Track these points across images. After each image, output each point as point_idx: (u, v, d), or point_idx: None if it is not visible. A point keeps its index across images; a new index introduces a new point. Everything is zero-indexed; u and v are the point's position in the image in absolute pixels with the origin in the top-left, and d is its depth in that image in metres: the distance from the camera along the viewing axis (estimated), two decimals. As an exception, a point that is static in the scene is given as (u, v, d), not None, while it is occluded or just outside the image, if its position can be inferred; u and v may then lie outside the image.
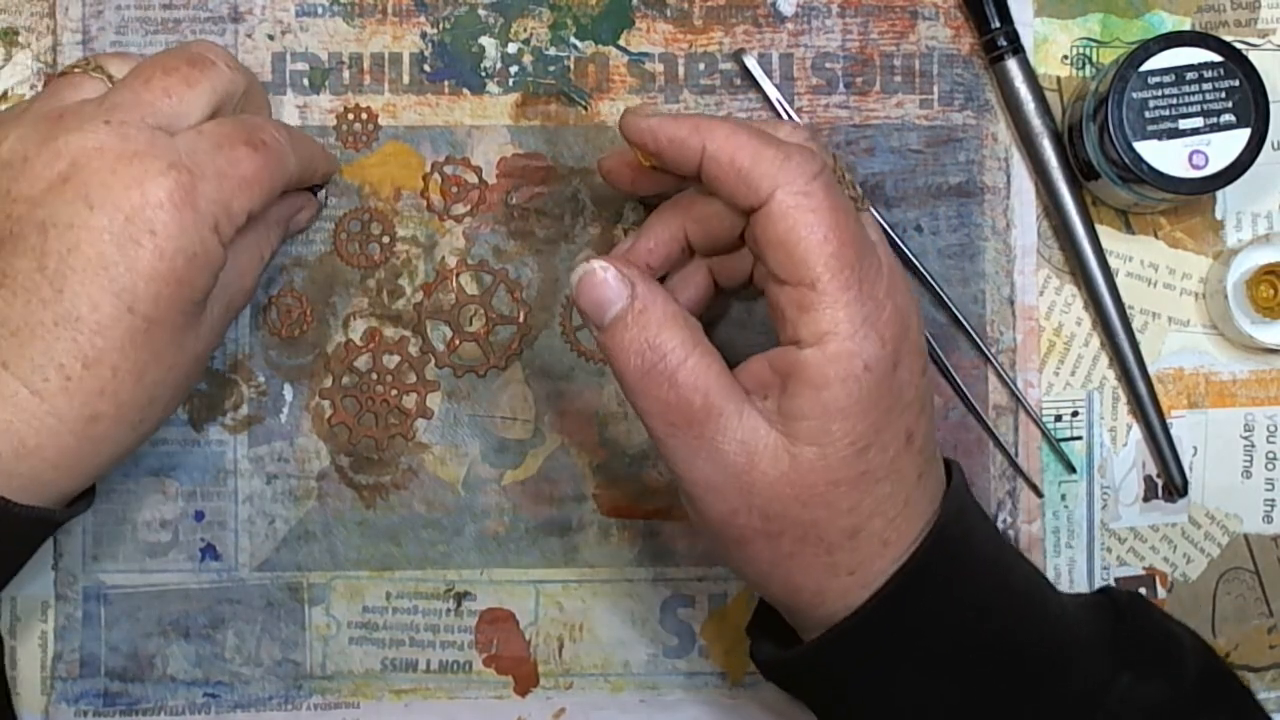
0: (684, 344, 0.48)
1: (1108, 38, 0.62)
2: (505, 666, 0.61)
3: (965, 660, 0.50)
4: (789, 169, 0.48)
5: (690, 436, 0.48)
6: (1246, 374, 0.62)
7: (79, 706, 0.60)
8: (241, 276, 0.55)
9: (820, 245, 0.47)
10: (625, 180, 0.56)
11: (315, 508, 0.61)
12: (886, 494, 0.49)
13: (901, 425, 0.49)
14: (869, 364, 0.47)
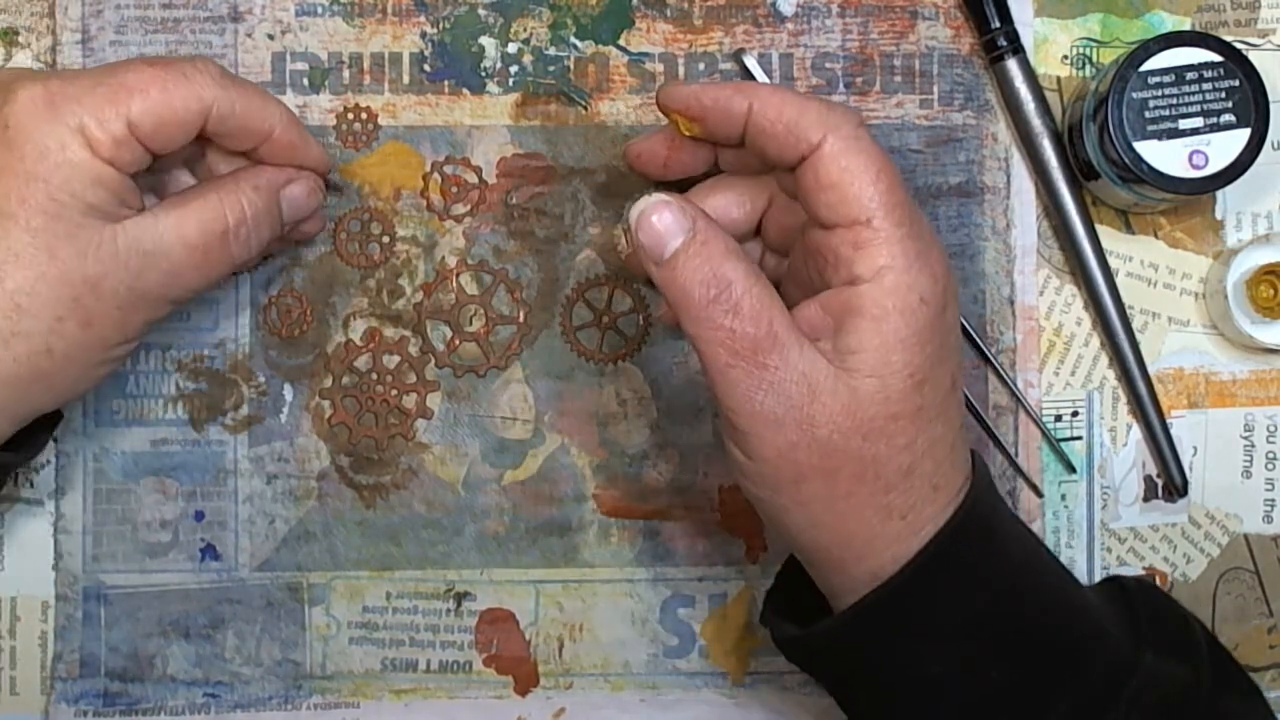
0: (747, 275, 0.49)
1: (1108, 38, 0.62)
2: (505, 666, 0.61)
3: (992, 635, 0.50)
4: (835, 117, 0.49)
5: (753, 366, 0.48)
6: (1246, 374, 0.62)
7: (79, 706, 0.60)
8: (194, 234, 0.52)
9: (874, 183, 0.49)
10: (657, 162, 0.57)
11: (315, 508, 0.61)
12: (939, 435, 0.49)
13: (949, 367, 0.50)
14: (925, 297, 0.48)
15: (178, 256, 0.52)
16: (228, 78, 0.53)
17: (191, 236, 0.52)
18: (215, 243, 0.53)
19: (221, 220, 0.53)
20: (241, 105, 0.53)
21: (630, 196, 0.61)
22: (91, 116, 0.49)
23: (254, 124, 0.54)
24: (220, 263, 0.53)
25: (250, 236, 0.54)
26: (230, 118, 0.52)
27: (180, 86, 0.51)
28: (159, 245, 0.51)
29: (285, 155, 0.56)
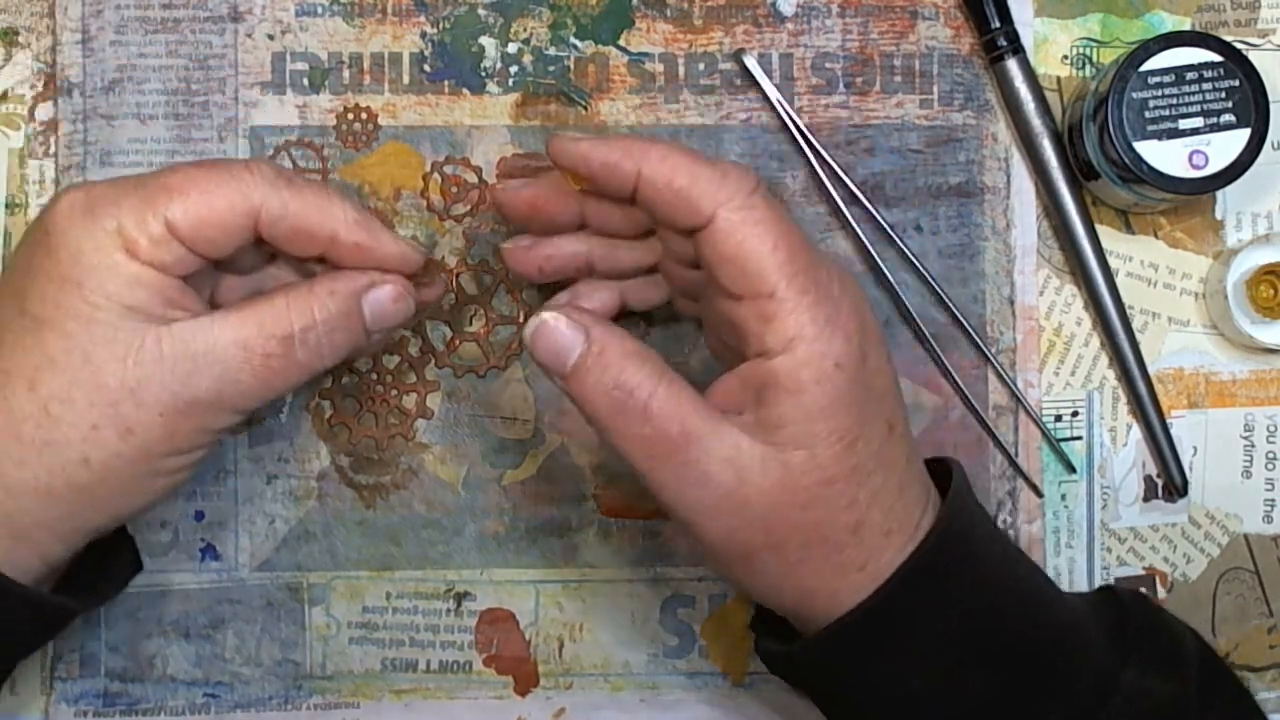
0: (650, 376, 0.48)
1: (1108, 38, 0.62)
2: (505, 666, 0.61)
3: (972, 652, 0.50)
4: (728, 185, 0.48)
5: (675, 465, 0.48)
6: (1246, 374, 0.62)
7: (79, 707, 0.60)
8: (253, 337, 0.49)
9: (772, 255, 0.48)
10: (522, 210, 0.55)
11: (315, 508, 0.61)
12: (880, 484, 0.49)
13: (881, 415, 0.49)
14: (839, 361, 0.48)
15: (233, 361, 0.49)
16: (283, 178, 0.50)
17: (250, 339, 0.49)
18: (277, 348, 0.49)
19: (285, 324, 0.49)
20: (296, 206, 0.50)
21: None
22: (129, 218, 0.48)
23: (311, 226, 0.50)
24: (284, 371, 0.50)
25: (322, 344, 0.50)
26: (282, 220, 0.50)
27: (224, 186, 0.49)
28: (211, 349, 0.48)
29: (355, 260, 0.51)
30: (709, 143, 0.61)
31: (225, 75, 0.61)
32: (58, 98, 0.60)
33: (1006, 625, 0.51)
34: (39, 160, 0.61)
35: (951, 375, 0.61)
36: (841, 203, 0.61)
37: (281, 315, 0.49)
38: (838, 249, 0.61)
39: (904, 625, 0.50)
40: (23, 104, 0.61)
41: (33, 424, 0.47)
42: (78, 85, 0.60)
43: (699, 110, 0.61)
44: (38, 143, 0.61)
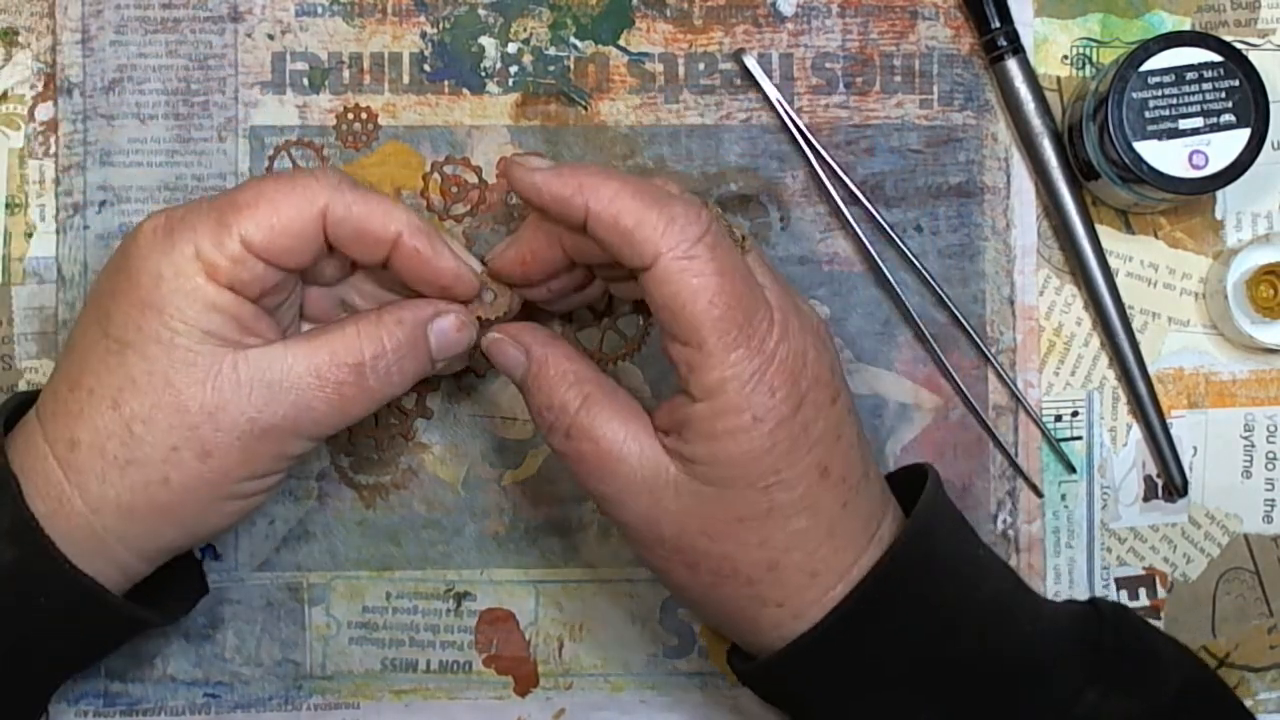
0: (576, 398, 0.51)
1: (1108, 38, 0.62)
2: (505, 666, 0.61)
3: (918, 683, 0.51)
4: (672, 232, 0.48)
5: (599, 481, 0.50)
6: (1246, 374, 0.62)
7: (79, 707, 0.60)
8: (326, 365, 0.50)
9: (706, 310, 0.48)
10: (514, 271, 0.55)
11: (315, 508, 0.61)
12: (802, 528, 0.49)
13: (810, 461, 0.49)
14: (758, 415, 0.48)
15: (307, 388, 0.50)
16: (345, 182, 0.51)
17: (323, 368, 0.50)
18: (349, 376, 0.50)
19: (356, 352, 0.51)
20: (359, 209, 0.51)
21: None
22: (206, 240, 0.49)
23: (374, 226, 0.51)
24: (357, 399, 0.51)
25: (392, 371, 0.51)
26: (347, 220, 0.50)
27: (290, 194, 0.50)
28: (286, 376, 0.50)
29: (417, 265, 0.52)
30: (709, 142, 0.61)
31: (225, 75, 0.61)
32: (58, 97, 0.60)
33: (958, 652, 0.51)
34: (39, 160, 0.61)
35: (951, 375, 0.61)
36: (841, 203, 0.61)
37: (352, 343, 0.51)
38: (838, 249, 0.61)
39: (837, 661, 0.50)
40: (23, 104, 0.61)
41: (116, 442, 0.49)
42: (78, 85, 0.60)
43: (699, 110, 0.61)
44: (38, 143, 0.61)
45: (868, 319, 0.61)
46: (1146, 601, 0.61)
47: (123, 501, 0.49)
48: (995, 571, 0.54)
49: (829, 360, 0.51)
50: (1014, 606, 0.53)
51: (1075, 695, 0.51)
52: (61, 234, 0.60)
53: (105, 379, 0.49)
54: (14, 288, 0.61)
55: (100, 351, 0.49)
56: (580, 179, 0.49)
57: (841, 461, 0.50)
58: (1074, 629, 0.53)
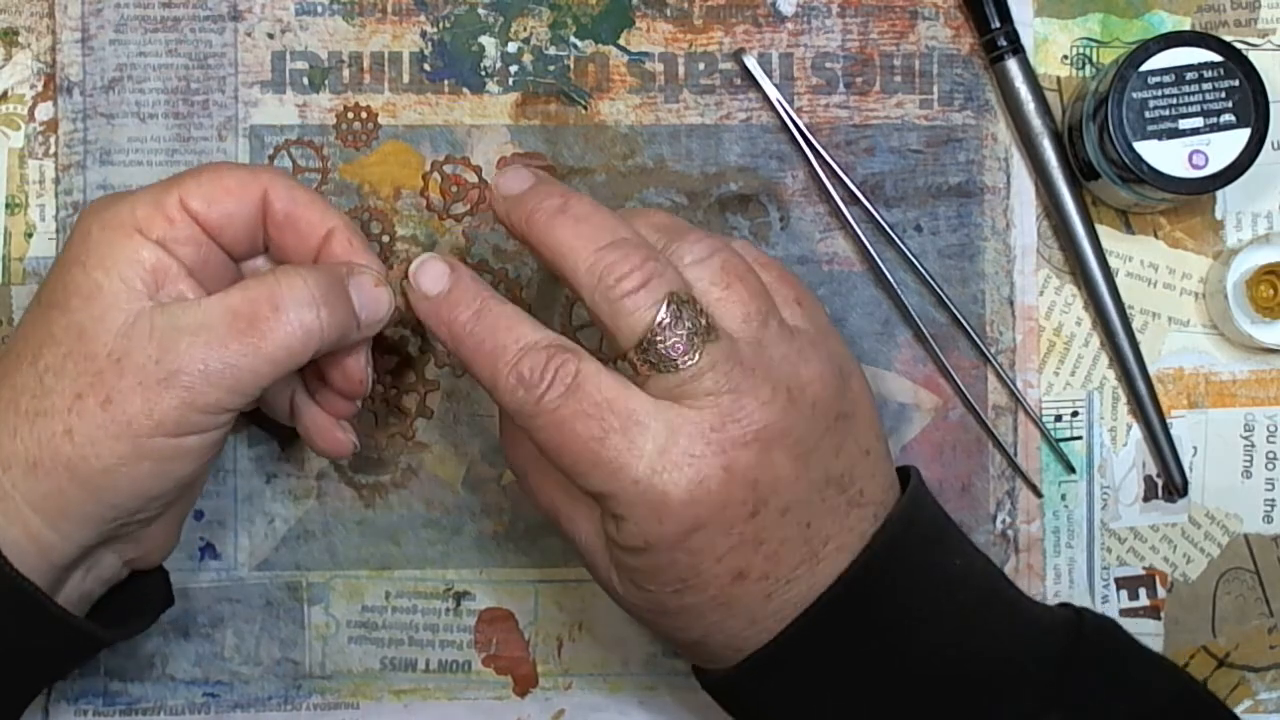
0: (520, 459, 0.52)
1: (1108, 38, 0.62)
2: (504, 666, 0.61)
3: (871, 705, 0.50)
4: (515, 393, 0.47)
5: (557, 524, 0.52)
6: (1246, 374, 0.62)
7: (79, 706, 0.60)
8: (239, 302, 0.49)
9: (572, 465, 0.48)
10: None
11: (315, 507, 0.61)
12: (718, 620, 0.49)
13: (720, 571, 0.48)
14: (650, 541, 0.47)
15: (219, 327, 0.48)
16: (292, 178, 0.53)
17: (237, 305, 0.48)
18: (264, 310, 0.48)
19: (273, 293, 0.49)
20: (301, 195, 0.52)
21: (630, 198, 0.61)
22: (144, 199, 0.49)
23: (314, 215, 0.51)
24: (275, 338, 0.48)
25: (318, 312, 0.49)
26: (289, 204, 0.51)
27: (235, 170, 0.51)
28: (200, 320, 0.48)
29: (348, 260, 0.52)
30: (709, 142, 0.61)
31: (225, 74, 0.61)
32: (57, 96, 0.60)
33: (913, 674, 0.50)
34: (39, 160, 0.61)
35: (951, 375, 0.61)
36: (841, 203, 0.61)
37: (270, 284, 0.49)
38: (837, 249, 0.61)
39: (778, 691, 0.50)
40: (23, 104, 0.61)
41: (29, 395, 0.48)
42: (77, 84, 0.60)
43: (699, 110, 0.61)
44: (37, 143, 0.61)
45: (867, 319, 0.61)
46: (1146, 601, 0.61)
47: (30, 456, 0.47)
48: (971, 582, 0.52)
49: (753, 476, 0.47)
50: (981, 624, 0.51)
51: (1040, 714, 0.50)
52: (61, 232, 0.60)
53: (29, 338, 0.49)
54: (14, 288, 0.61)
55: (30, 317, 0.50)
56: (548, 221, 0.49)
57: (763, 564, 0.48)
58: (1047, 646, 0.52)
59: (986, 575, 0.53)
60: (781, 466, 0.48)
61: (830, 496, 0.49)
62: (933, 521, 0.53)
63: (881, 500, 0.51)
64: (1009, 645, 0.51)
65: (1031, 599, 0.54)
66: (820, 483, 0.49)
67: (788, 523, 0.48)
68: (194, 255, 0.50)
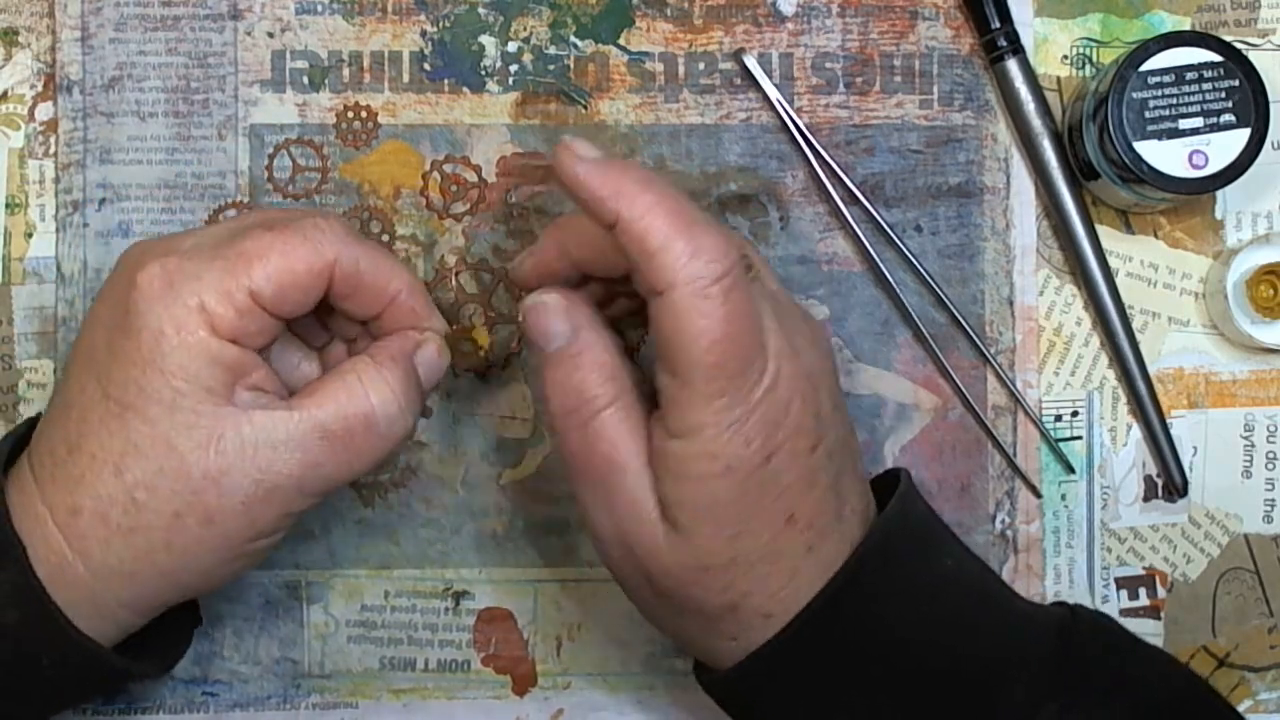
0: (607, 394, 0.49)
1: (1108, 38, 0.62)
2: (503, 666, 0.61)
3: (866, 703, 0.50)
4: (693, 267, 0.46)
5: (591, 484, 0.50)
6: (1246, 374, 0.62)
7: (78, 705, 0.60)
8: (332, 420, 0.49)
9: (703, 355, 0.47)
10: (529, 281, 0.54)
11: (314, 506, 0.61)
12: (765, 573, 0.49)
13: (778, 509, 0.49)
14: (731, 465, 0.47)
15: (313, 446, 0.49)
16: (352, 234, 0.51)
17: (329, 422, 0.49)
18: (359, 427, 0.49)
19: (363, 402, 0.49)
20: (366, 262, 0.51)
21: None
22: (211, 293, 0.48)
23: (380, 281, 0.51)
24: (368, 450, 0.50)
25: (404, 419, 0.51)
26: (354, 275, 0.50)
27: (301, 246, 0.49)
28: (291, 435, 0.48)
29: (409, 322, 0.53)
30: (709, 142, 0.61)
31: (225, 73, 0.61)
32: (57, 95, 0.61)
33: (907, 672, 0.50)
34: (39, 160, 0.61)
35: (951, 375, 0.61)
36: (841, 203, 0.61)
37: (357, 392, 0.50)
38: (837, 249, 0.61)
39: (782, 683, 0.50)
40: (23, 104, 0.61)
41: (119, 509, 0.48)
42: (77, 83, 0.60)
43: (699, 110, 0.61)
44: (37, 142, 0.61)
45: (867, 319, 0.61)
46: (1146, 601, 0.61)
47: (125, 568, 0.48)
48: (963, 580, 0.53)
49: (815, 406, 0.49)
50: (974, 622, 0.52)
51: (1031, 713, 0.50)
52: (61, 231, 0.60)
53: (107, 443, 0.48)
54: (14, 288, 0.61)
55: (100, 413, 0.48)
56: (619, 183, 0.47)
57: (811, 508, 0.49)
58: (1041, 641, 0.52)
59: (978, 574, 0.54)
60: (826, 406, 0.50)
61: (851, 451, 0.52)
62: (923, 521, 0.53)
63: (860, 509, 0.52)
64: (1002, 641, 0.52)
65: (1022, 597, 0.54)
66: (846, 436, 0.51)
67: (831, 468, 0.50)
68: (267, 338, 0.50)
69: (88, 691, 0.54)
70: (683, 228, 0.47)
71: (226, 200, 0.60)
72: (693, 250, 0.46)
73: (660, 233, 0.46)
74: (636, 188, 0.47)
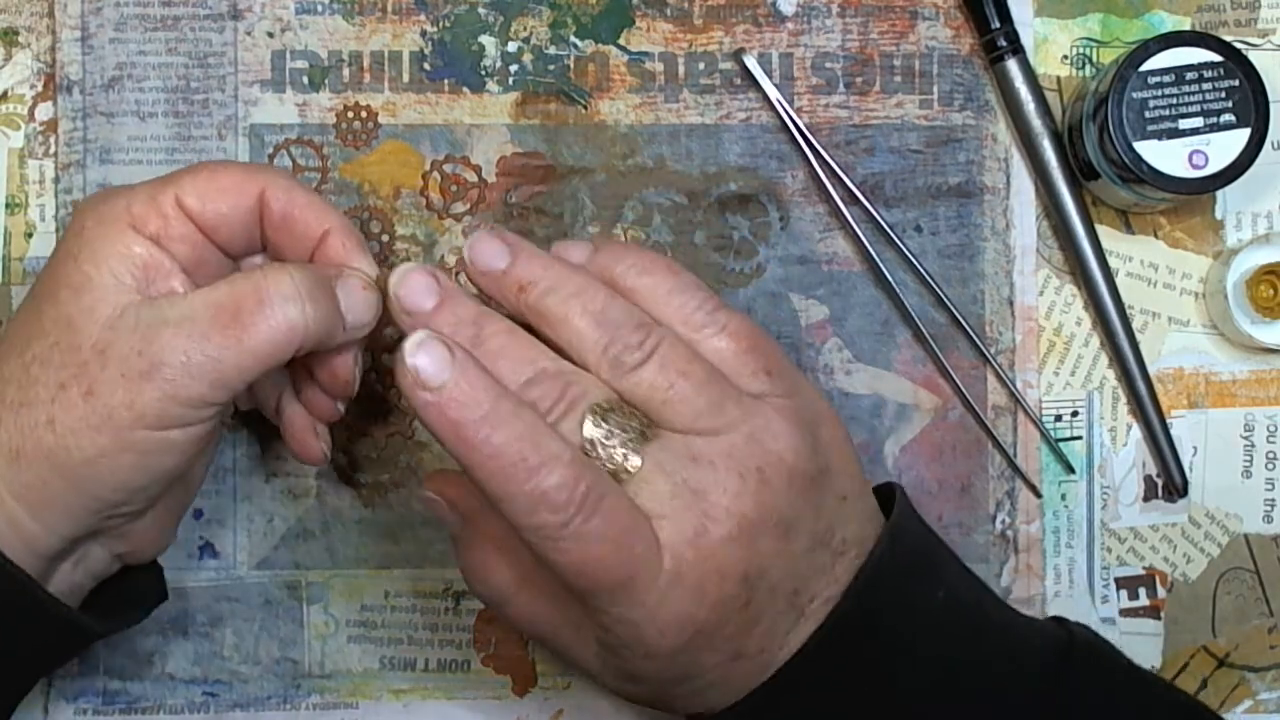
0: (508, 581, 0.51)
1: (1108, 38, 0.62)
2: (503, 666, 0.61)
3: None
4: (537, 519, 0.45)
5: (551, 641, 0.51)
6: (1246, 374, 0.62)
7: (78, 705, 0.60)
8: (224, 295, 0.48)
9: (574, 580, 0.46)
10: None
11: (314, 506, 0.61)
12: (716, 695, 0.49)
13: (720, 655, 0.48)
14: (650, 651, 0.47)
15: (202, 317, 0.47)
16: (290, 175, 0.52)
17: (220, 297, 0.47)
18: (248, 301, 0.47)
19: (258, 287, 0.48)
20: (299, 196, 0.51)
21: (629, 196, 0.61)
22: (140, 195, 0.49)
23: (311, 215, 0.51)
24: (257, 330, 0.47)
25: (303, 308, 0.48)
26: (287, 204, 0.51)
27: (233, 168, 0.51)
28: (184, 313, 0.47)
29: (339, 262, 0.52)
30: (709, 142, 0.61)
31: (225, 73, 0.61)
32: (57, 95, 0.61)
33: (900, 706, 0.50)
34: (39, 160, 0.61)
35: (951, 375, 0.61)
36: (841, 203, 0.61)
37: (255, 279, 0.48)
38: (837, 249, 0.61)
39: None
40: (23, 104, 0.61)
41: (15, 386, 0.48)
42: (77, 83, 0.60)
43: (699, 110, 0.61)
44: (37, 143, 0.61)
45: (867, 319, 0.61)
46: (1146, 601, 0.61)
47: (12, 446, 0.47)
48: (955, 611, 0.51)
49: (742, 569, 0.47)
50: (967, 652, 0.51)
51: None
52: (61, 231, 0.60)
53: (18, 330, 0.49)
54: (14, 288, 0.61)
55: (22, 308, 0.50)
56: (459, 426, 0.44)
57: (759, 638, 0.48)
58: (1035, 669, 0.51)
59: (973, 602, 0.52)
60: (766, 551, 0.47)
61: (816, 557, 0.49)
62: (913, 552, 0.52)
63: (862, 538, 0.50)
64: (996, 671, 0.51)
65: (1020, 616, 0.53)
66: (805, 549, 0.48)
67: (778, 597, 0.48)
68: (188, 253, 0.50)
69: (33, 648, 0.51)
70: (524, 475, 0.44)
71: (226, 200, 0.60)
72: (534, 502, 0.44)
73: (498, 485, 0.44)
74: (476, 433, 0.44)
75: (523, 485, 0.44)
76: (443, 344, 0.45)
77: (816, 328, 0.61)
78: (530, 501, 0.44)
